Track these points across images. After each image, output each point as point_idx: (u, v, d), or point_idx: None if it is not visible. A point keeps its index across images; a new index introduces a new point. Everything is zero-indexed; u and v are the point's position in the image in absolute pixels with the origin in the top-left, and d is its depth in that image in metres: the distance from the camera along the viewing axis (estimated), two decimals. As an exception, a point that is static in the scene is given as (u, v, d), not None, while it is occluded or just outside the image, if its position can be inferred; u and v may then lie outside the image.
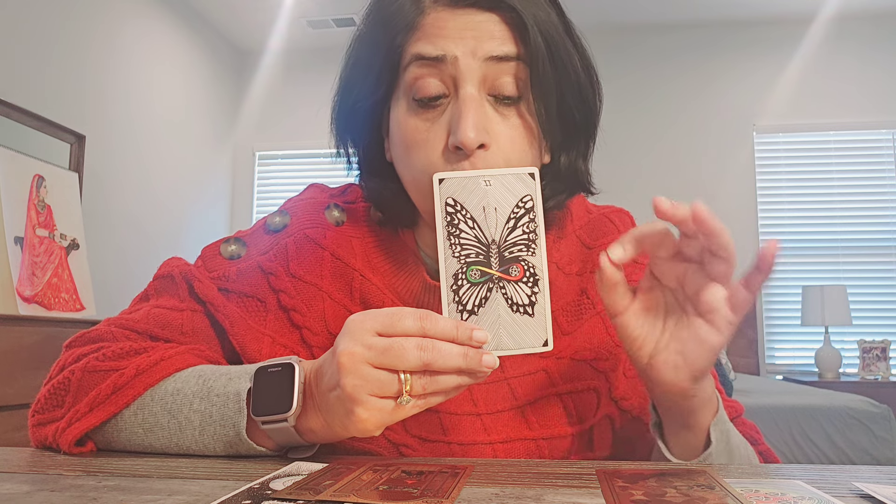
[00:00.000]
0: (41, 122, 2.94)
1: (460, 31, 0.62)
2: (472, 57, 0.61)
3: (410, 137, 0.64)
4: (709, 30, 4.46)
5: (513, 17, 0.63)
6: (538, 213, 0.54)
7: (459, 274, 0.53)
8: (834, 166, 4.32)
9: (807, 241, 4.30)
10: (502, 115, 0.63)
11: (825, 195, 4.32)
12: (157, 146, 3.89)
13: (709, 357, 0.55)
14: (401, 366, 0.50)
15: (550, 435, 0.68)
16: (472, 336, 0.50)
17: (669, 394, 0.57)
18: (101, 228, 3.32)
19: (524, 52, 0.63)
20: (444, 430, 0.67)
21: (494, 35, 0.62)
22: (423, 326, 0.50)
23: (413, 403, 0.51)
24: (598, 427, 0.69)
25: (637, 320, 0.56)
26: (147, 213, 3.77)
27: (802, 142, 4.36)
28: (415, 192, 0.67)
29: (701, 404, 0.58)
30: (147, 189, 3.78)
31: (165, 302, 0.71)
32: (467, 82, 0.62)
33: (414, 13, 0.64)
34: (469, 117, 0.60)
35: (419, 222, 0.72)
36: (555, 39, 0.64)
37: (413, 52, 0.63)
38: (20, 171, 2.52)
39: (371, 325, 0.51)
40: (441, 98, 0.63)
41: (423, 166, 0.63)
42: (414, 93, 0.64)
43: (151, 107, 3.83)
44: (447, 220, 0.54)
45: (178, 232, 4.06)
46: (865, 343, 4.00)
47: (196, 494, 0.45)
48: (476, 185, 0.54)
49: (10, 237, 2.39)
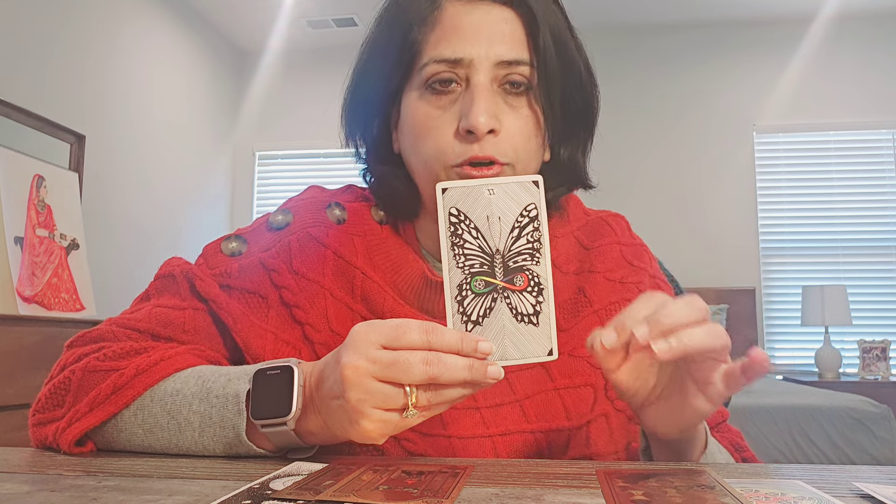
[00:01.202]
0: (41, 122, 2.93)
1: (476, 30, 0.66)
2: (485, 59, 0.66)
3: (422, 124, 0.67)
4: (709, 30, 4.45)
5: (525, 14, 0.67)
6: (542, 221, 0.54)
7: (464, 284, 0.53)
8: (834, 166, 4.32)
9: (807, 241, 4.30)
10: (511, 106, 0.67)
11: (825, 195, 4.31)
12: (157, 146, 3.89)
13: (697, 420, 0.56)
14: (406, 380, 0.49)
15: (549, 428, 0.69)
16: (478, 348, 0.50)
17: (659, 437, 0.59)
18: (101, 228, 3.32)
19: (534, 52, 0.67)
20: (443, 424, 0.67)
21: (507, 35, 0.66)
22: (428, 340, 0.50)
23: (417, 415, 0.51)
24: (594, 423, 0.70)
25: (630, 377, 0.55)
26: (147, 212, 3.77)
27: (802, 142, 4.36)
28: (422, 180, 0.70)
29: (689, 443, 0.60)
30: (147, 189, 3.77)
31: (167, 301, 0.71)
32: (479, 75, 0.66)
33: (429, 7, 0.68)
34: (481, 103, 0.64)
35: (420, 213, 0.75)
36: (562, 39, 0.69)
37: (431, 54, 0.67)
38: (20, 171, 2.52)
39: (376, 337, 0.51)
40: (453, 84, 0.67)
41: (434, 151, 0.67)
42: (429, 81, 0.67)
43: (151, 107, 3.83)
44: (451, 231, 0.53)
45: (178, 232, 4.06)
46: (865, 343, 4.00)
47: (196, 494, 0.45)
48: (479, 194, 0.54)
49: (10, 237, 2.39)
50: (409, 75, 0.69)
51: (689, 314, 0.50)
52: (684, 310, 0.50)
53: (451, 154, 0.66)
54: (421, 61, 0.68)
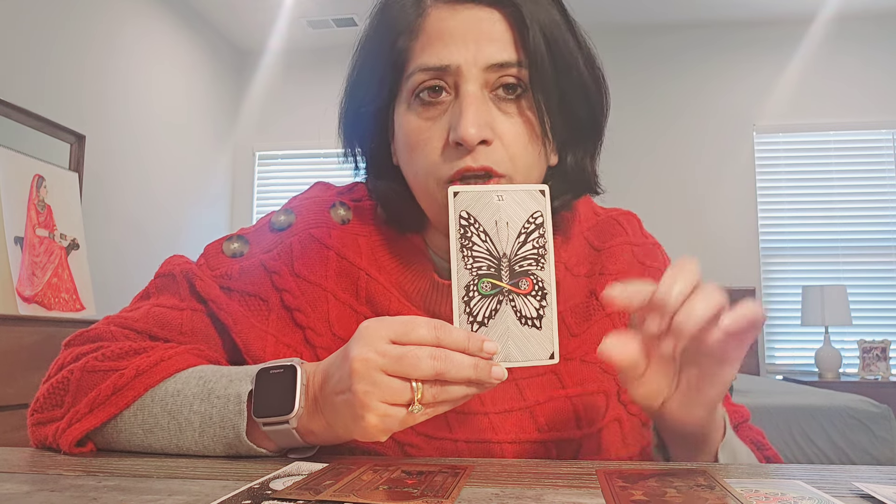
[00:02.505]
0: (41, 122, 2.93)
1: (462, 33, 0.63)
2: (473, 65, 0.62)
3: (413, 137, 0.65)
4: (709, 30, 4.45)
5: (513, 14, 0.63)
6: (547, 228, 0.56)
7: (471, 285, 0.54)
8: (834, 166, 4.32)
9: (807, 241, 4.30)
10: (505, 113, 0.64)
11: (825, 195, 4.31)
12: (157, 146, 3.89)
13: (722, 390, 0.55)
14: (414, 374, 0.50)
15: (560, 437, 0.67)
16: (483, 347, 0.51)
17: (686, 427, 0.57)
18: (100, 228, 3.32)
19: (524, 53, 0.63)
20: (449, 427, 0.66)
21: (494, 37, 0.63)
22: (437, 336, 0.51)
23: (422, 411, 0.51)
24: (606, 430, 0.69)
25: (652, 382, 0.55)
26: (147, 212, 3.77)
27: (802, 142, 4.36)
28: (419, 194, 0.67)
29: (713, 429, 0.59)
30: (147, 189, 3.77)
31: (166, 301, 0.71)
32: (469, 83, 0.62)
33: (415, 14, 0.65)
34: (469, 114, 0.61)
35: (427, 226, 0.72)
36: (555, 37, 0.64)
37: (417, 63, 0.64)
38: (20, 171, 2.52)
39: (385, 332, 0.51)
40: (443, 93, 0.64)
41: (425, 165, 0.64)
42: (416, 91, 0.64)
43: (151, 107, 3.83)
44: (461, 233, 0.55)
45: (178, 232, 4.06)
46: (865, 343, 4.00)
47: (196, 494, 0.45)
48: (489, 200, 0.56)
49: (10, 237, 2.39)
50: (398, 86, 0.66)
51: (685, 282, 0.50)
52: (679, 280, 0.50)
53: (442, 167, 0.63)
54: (408, 70, 0.65)
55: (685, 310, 0.50)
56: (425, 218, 0.70)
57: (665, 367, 0.55)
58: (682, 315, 0.50)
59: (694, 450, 0.60)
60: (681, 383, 0.55)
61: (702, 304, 0.50)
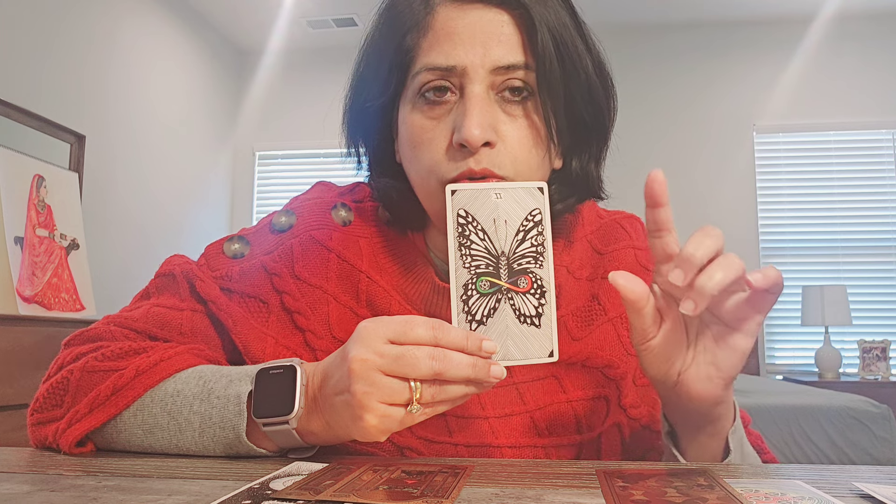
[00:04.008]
0: (41, 122, 2.93)
1: (470, 34, 0.62)
2: (479, 66, 0.62)
3: (417, 136, 0.64)
4: (709, 30, 4.45)
5: (521, 15, 0.63)
6: (546, 226, 0.55)
7: (469, 284, 0.54)
8: (834, 166, 4.32)
9: (807, 241, 4.29)
10: (510, 115, 0.63)
11: (825, 195, 4.31)
12: (157, 146, 3.89)
13: (741, 361, 0.54)
14: (413, 374, 0.50)
15: (560, 443, 0.67)
16: (482, 346, 0.51)
17: (702, 404, 0.56)
18: (100, 228, 3.32)
19: (531, 55, 0.63)
20: (449, 431, 0.66)
21: (502, 39, 0.62)
22: (435, 336, 0.50)
23: (421, 411, 0.51)
24: (606, 435, 0.69)
25: (666, 344, 0.55)
26: (147, 212, 3.77)
27: (802, 142, 4.36)
28: (421, 193, 0.67)
29: (726, 410, 0.58)
30: (147, 189, 3.77)
31: (166, 301, 0.71)
32: (475, 84, 0.62)
33: (423, 12, 0.65)
34: (474, 115, 0.60)
35: (428, 225, 0.72)
36: (564, 39, 0.64)
37: (423, 62, 0.63)
38: (20, 171, 2.52)
39: (384, 332, 0.51)
40: (448, 93, 0.63)
41: (428, 165, 0.64)
42: (422, 90, 0.64)
43: (151, 107, 3.83)
44: (458, 231, 0.54)
45: (178, 232, 4.06)
46: (865, 343, 4.00)
47: (196, 494, 0.45)
48: (487, 198, 0.55)
49: (10, 237, 2.39)
50: (403, 83, 0.66)
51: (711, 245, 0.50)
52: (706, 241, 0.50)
53: (445, 168, 0.62)
54: (414, 69, 0.64)
55: (708, 271, 0.49)
56: (427, 217, 0.70)
57: (677, 334, 0.55)
58: (705, 276, 0.49)
59: (704, 432, 0.59)
60: (697, 356, 0.55)
61: (724, 269, 0.50)
